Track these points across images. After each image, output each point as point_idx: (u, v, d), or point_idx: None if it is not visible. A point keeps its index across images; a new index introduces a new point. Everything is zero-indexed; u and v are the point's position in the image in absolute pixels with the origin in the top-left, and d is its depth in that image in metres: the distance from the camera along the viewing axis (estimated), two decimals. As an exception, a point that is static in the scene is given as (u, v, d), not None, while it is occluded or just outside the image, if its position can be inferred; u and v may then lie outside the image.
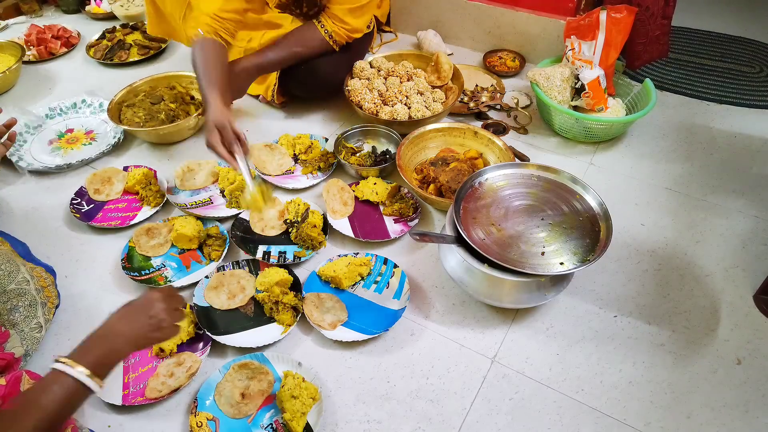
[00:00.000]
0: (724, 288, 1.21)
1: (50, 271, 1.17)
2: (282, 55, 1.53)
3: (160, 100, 1.64)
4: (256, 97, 1.77)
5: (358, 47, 1.70)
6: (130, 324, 0.84)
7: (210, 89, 1.27)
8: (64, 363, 0.76)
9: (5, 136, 1.27)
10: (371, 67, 1.72)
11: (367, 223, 1.36)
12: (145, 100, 1.64)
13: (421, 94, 1.62)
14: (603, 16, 1.50)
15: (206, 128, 1.22)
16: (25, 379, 0.93)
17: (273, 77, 1.63)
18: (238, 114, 1.74)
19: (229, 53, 1.44)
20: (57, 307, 1.14)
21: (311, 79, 1.60)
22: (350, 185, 1.44)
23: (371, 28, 1.73)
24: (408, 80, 1.67)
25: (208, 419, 0.99)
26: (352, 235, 1.31)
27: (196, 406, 1.00)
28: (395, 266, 1.24)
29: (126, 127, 1.56)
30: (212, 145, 1.21)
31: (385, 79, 1.68)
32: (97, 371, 0.77)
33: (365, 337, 1.11)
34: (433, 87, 1.67)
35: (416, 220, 1.36)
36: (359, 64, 1.70)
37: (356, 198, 1.41)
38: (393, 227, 1.35)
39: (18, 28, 2.23)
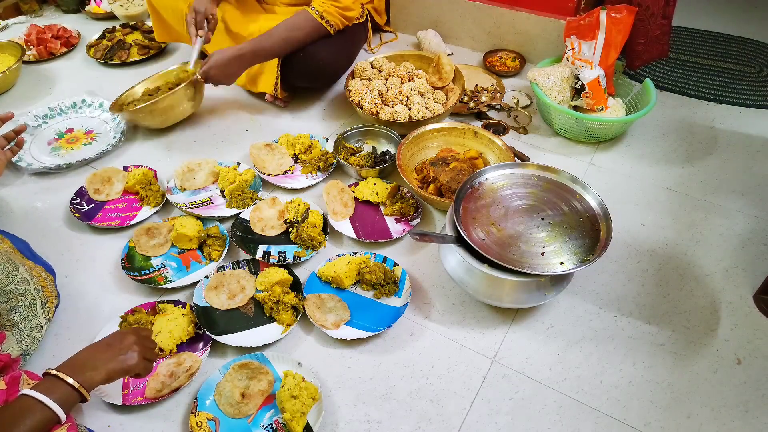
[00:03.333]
0: (724, 288, 1.21)
1: (50, 270, 1.17)
2: (276, 41, 1.53)
3: (157, 90, 1.66)
4: (263, 96, 1.77)
5: (354, 35, 1.70)
6: (101, 354, 0.87)
7: None
8: (37, 391, 0.78)
9: (13, 142, 1.28)
10: (372, 67, 1.72)
11: (368, 223, 1.36)
12: (144, 95, 1.66)
13: (422, 95, 1.62)
14: (603, 16, 1.50)
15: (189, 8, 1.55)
16: (24, 380, 0.93)
17: (274, 71, 1.64)
18: (238, 113, 1.74)
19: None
20: (57, 306, 1.14)
21: (310, 67, 1.60)
22: (350, 186, 1.44)
23: (364, 17, 1.73)
24: (409, 81, 1.67)
25: (208, 419, 0.99)
26: (355, 236, 1.31)
27: (196, 406, 1.00)
28: (395, 264, 1.24)
29: (125, 112, 1.57)
30: (186, 22, 1.58)
31: (386, 79, 1.68)
32: (67, 400, 0.80)
33: (369, 334, 1.11)
34: (434, 88, 1.67)
35: (418, 219, 1.36)
36: (360, 65, 1.70)
37: (356, 199, 1.41)
38: (395, 227, 1.35)
39: (18, 28, 2.23)
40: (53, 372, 0.81)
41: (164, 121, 1.63)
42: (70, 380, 0.80)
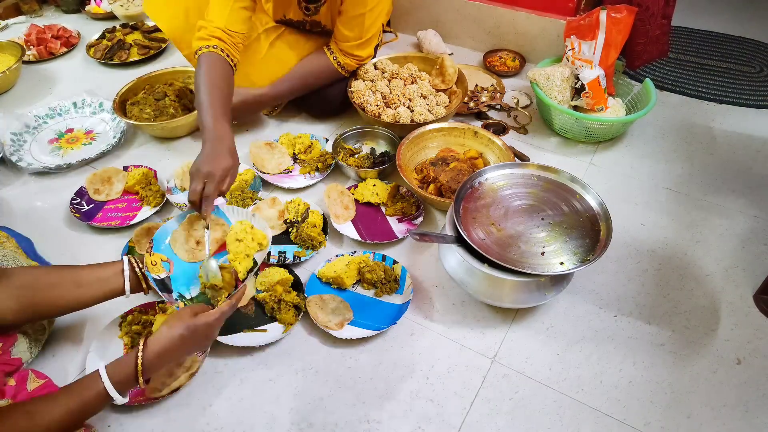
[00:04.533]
0: (724, 288, 1.21)
1: None
2: (294, 86, 1.57)
3: (164, 96, 1.65)
4: None
5: None
6: (173, 355, 0.90)
7: (213, 118, 1.14)
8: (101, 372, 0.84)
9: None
10: (375, 68, 1.72)
11: (372, 225, 1.35)
12: (148, 97, 1.65)
13: (425, 97, 1.62)
14: (603, 16, 1.50)
15: (193, 171, 1.04)
16: (31, 377, 0.94)
17: None
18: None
19: (235, 70, 1.33)
20: None
21: (323, 105, 1.65)
22: (349, 188, 1.44)
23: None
24: (412, 83, 1.67)
25: (162, 260, 1.04)
26: (360, 239, 1.31)
27: (151, 248, 1.05)
28: (394, 262, 1.24)
29: (136, 123, 1.57)
30: (191, 201, 1.04)
31: (389, 81, 1.68)
32: (126, 386, 0.86)
33: (373, 333, 1.11)
34: (437, 90, 1.66)
35: (420, 218, 1.36)
36: (363, 66, 1.70)
37: (356, 201, 1.41)
38: (398, 227, 1.35)
39: (18, 28, 2.23)
40: (140, 354, 0.86)
41: (169, 134, 1.65)
42: (141, 381, 0.86)
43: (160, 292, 1.00)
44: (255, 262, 1.04)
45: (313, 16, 1.56)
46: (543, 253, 1.05)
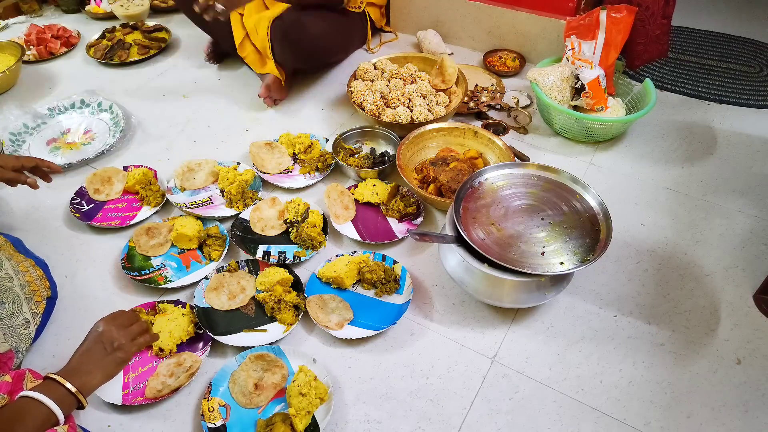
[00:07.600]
0: (724, 288, 1.21)
1: (40, 264, 1.17)
2: None
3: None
4: (262, 76, 1.79)
5: (348, 19, 1.76)
6: (94, 358, 0.85)
7: None
8: (38, 391, 0.78)
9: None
10: (375, 68, 1.72)
11: (371, 225, 1.35)
12: None
13: (425, 97, 1.62)
14: (603, 15, 1.50)
15: None
16: (28, 378, 0.94)
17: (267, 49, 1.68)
18: (238, 113, 1.74)
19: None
20: (51, 298, 1.14)
21: (303, 42, 1.62)
22: (349, 188, 1.44)
23: (362, 8, 1.78)
24: (412, 83, 1.67)
25: (220, 405, 1.01)
26: (359, 239, 1.31)
27: (210, 391, 1.02)
28: (395, 262, 1.24)
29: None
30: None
31: (389, 81, 1.68)
32: (65, 403, 0.79)
33: (373, 333, 1.11)
34: (437, 90, 1.66)
35: (420, 218, 1.36)
36: (363, 66, 1.70)
37: (356, 201, 1.41)
38: (398, 227, 1.35)
39: (18, 28, 2.23)
40: (53, 376, 0.81)
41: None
42: (69, 385, 0.80)
43: None
44: (314, 420, 0.98)
45: None
46: (543, 253, 1.05)
